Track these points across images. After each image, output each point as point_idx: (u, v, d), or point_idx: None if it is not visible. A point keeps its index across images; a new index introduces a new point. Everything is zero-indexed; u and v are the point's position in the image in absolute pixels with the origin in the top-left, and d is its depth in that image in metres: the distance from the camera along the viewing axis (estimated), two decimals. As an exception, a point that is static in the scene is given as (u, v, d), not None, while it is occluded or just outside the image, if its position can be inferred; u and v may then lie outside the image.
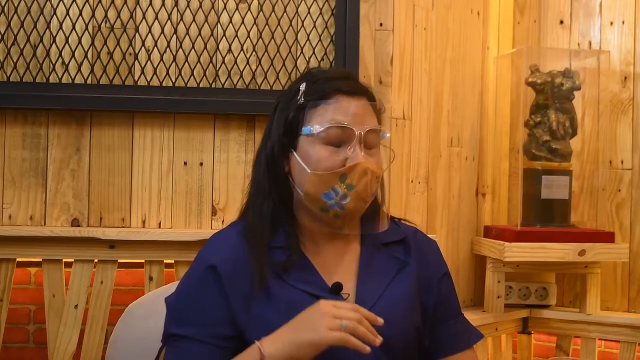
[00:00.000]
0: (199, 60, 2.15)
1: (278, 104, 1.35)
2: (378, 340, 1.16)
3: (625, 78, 2.57)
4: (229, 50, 2.16)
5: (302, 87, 1.32)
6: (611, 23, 2.59)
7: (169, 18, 2.15)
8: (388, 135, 1.33)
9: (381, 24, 2.19)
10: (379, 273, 1.33)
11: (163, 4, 2.14)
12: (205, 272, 1.28)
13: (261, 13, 2.17)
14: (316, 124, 1.27)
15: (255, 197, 1.34)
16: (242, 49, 2.16)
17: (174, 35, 2.15)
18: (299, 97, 1.31)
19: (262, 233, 1.29)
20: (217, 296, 1.25)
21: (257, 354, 1.16)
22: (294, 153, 1.29)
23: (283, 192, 1.32)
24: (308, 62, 2.18)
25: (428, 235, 1.47)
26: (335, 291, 1.28)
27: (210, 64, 2.16)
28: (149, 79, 2.13)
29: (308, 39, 2.19)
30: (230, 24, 2.16)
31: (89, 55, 2.12)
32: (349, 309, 1.16)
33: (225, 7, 2.16)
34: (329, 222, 1.29)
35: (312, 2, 2.18)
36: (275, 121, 1.33)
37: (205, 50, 2.16)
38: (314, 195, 1.27)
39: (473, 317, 2.20)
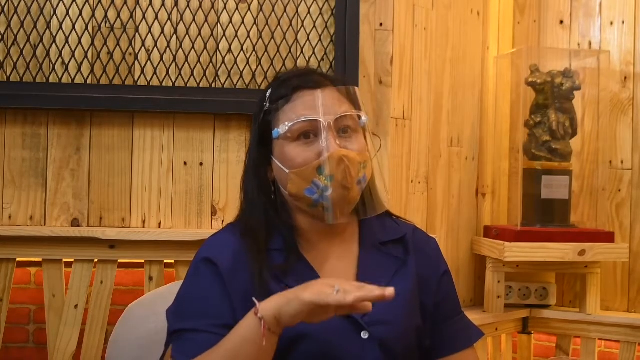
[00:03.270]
0: (199, 60, 2.15)
1: (254, 113, 1.37)
2: (368, 306, 1.11)
3: (625, 78, 2.57)
4: (229, 50, 2.16)
5: (268, 92, 1.34)
6: (611, 23, 2.59)
7: (169, 18, 2.15)
8: (364, 118, 1.31)
9: (381, 24, 2.19)
10: (377, 273, 1.32)
11: (163, 4, 2.14)
12: (203, 266, 1.28)
13: (261, 13, 2.17)
14: (283, 124, 1.28)
15: (247, 205, 1.35)
16: (242, 49, 2.16)
17: (174, 35, 2.15)
18: (265, 103, 1.32)
19: (258, 238, 1.29)
20: (217, 287, 1.26)
21: (254, 309, 1.15)
22: (273, 158, 1.31)
23: (272, 199, 1.33)
24: (308, 62, 2.18)
25: (427, 234, 1.47)
26: None
27: (210, 64, 2.16)
28: (149, 79, 2.13)
29: (308, 39, 2.19)
30: (230, 24, 2.16)
31: (89, 55, 2.12)
32: (350, 283, 1.12)
33: (225, 7, 2.16)
34: (322, 216, 1.28)
35: (312, 2, 2.18)
36: (253, 132, 1.35)
37: (205, 50, 2.16)
38: (298, 194, 1.27)
39: (473, 317, 2.19)
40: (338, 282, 1.11)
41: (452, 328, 1.38)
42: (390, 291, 1.09)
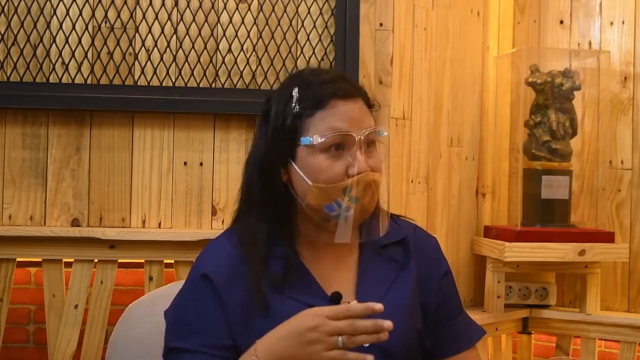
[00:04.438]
0: (199, 60, 2.15)
1: (269, 109, 1.30)
2: (383, 337, 1.12)
3: (625, 78, 2.56)
4: (229, 50, 2.16)
5: (295, 93, 1.27)
6: (611, 23, 2.59)
7: (169, 18, 2.15)
8: (385, 133, 1.29)
9: (381, 24, 2.19)
10: (378, 278, 1.31)
11: (163, 4, 2.14)
12: (200, 282, 1.26)
13: (261, 13, 2.17)
14: (315, 134, 1.23)
15: (248, 209, 1.30)
16: (242, 49, 2.16)
17: (174, 35, 2.15)
18: (293, 105, 1.26)
19: (257, 247, 1.26)
20: (213, 305, 1.24)
21: None
22: (293, 164, 1.26)
23: (279, 202, 1.28)
24: (308, 62, 2.18)
25: (428, 233, 1.46)
26: (335, 301, 1.26)
27: (210, 64, 2.16)
28: (149, 79, 2.13)
29: (308, 39, 2.19)
30: (230, 24, 2.16)
31: (89, 55, 2.12)
32: (342, 317, 1.11)
33: (225, 7, 2.16)
34: (332, 230, 1.25)
35: (312, 2, 2.18)
36: (269, 128, 1.28)
37: (205, 50, 2.16)
38: (316, 207, 1.24)
39: (473, 317, 2.19)
40: (325, 325, 1.11)
41: (453, 328, 1.37)
42: (379, 306, 1.12)
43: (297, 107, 1.26)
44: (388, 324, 1.11)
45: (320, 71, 1.39)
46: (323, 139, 1.22)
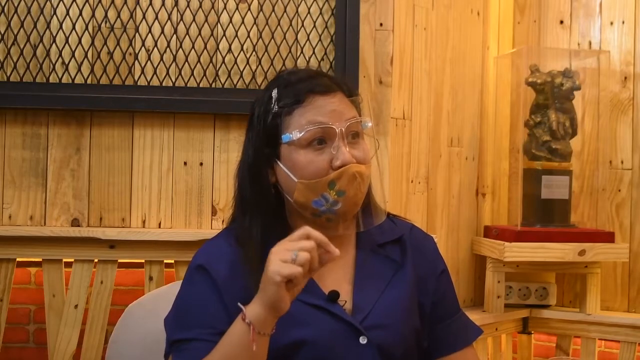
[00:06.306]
0: (199, 60, 2.15)
1: (253, 112, 1.32)
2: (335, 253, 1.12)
3: (625, 78, 2.57)
4: (229, 50, 2.16)
5: (274, 93, 1.28)
6: (611, 23, 2.59)
7: (169, 18, 2.15)
8: (370, 124, 1.29)
9: (381, 24, 2.19)
10: (375, 277, 1.31)
11: (163, 4, 2.14)
12: (195, 272, 1.27)
13: (261, 13, 2.17)
14: (295, 130, 1.24)
15: (242, 210, 1.31)
16: (242, 49, 2.16)
17: (174, 35, 2.15)
18: (272, 105, 1.27)
19: (253, 248, 1.26)
20: (211, 293, 1.24)
21: (241, 314, 1.14)
22: (278, 162, 1.27)
23: (271, 202, 1.29)
24: (308, 62, 2.18)
25: (425, 232, 1.46)
26: (332, 299, 1.27)
27: (210, 64, 2.16)
28: (149, 79, 2.13)
29: (308, 39, 2.19)
30: (230, 24, 2.16)
31: (89, 55, 2.12)
32: (301, 237, 1.12)
33: (225, 7, 2.16)
34: (323, 225, 1.26)
35: (312, 2, 2.18)
36: (254, 132, 1.30)
37: (205, 50, 2.16)
38: (304, 204, 1.25)
39: (473, 317, 2.18)
40: (289, 243, 1.11)
41: (450, 327, 1.38)
42: (336, 252, 1.11)
43: (276, 106, 1.27)
44: (336, 251, 1.11)
45: (298, 70, 1.39)
46: (302, 133, 1.23)
